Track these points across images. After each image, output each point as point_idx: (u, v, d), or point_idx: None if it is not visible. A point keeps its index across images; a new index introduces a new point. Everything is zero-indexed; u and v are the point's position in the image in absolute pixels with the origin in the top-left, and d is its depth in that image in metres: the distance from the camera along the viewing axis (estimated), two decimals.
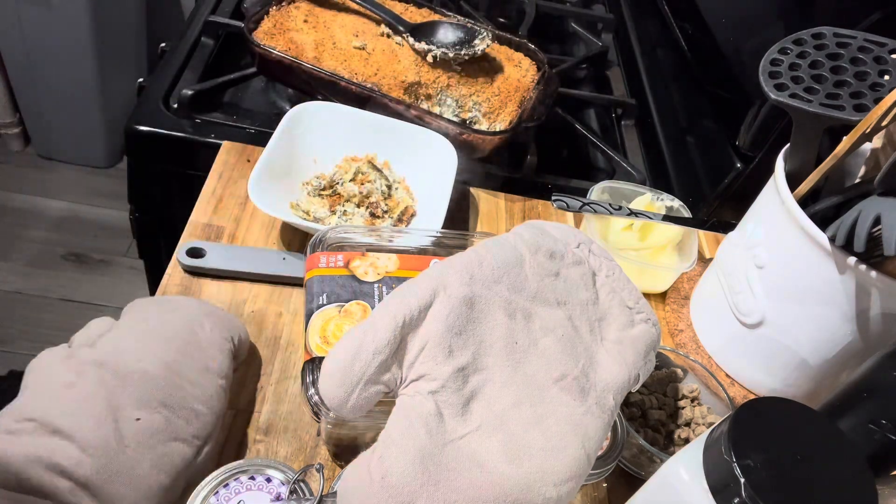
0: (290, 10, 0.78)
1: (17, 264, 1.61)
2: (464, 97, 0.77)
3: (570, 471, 0.38)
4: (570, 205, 0.66)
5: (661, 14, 0.99)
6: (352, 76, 0.72)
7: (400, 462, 0.35)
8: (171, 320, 0.49)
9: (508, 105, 0.78)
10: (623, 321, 0.45)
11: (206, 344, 0.48)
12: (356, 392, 0.38)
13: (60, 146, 1.82)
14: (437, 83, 0.76)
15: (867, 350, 0.54)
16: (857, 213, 0.48)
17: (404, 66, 0.75)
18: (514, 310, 0.41)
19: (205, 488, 0.43)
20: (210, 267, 0.60)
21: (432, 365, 0.38)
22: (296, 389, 0.55)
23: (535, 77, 0.83)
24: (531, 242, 0.44)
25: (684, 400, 0.58)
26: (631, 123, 0.95)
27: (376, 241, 0.54)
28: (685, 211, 0.72)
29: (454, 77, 0.76)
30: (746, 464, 0.32)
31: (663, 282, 0.71)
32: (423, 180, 0.70)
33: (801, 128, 0.54)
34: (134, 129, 0.73)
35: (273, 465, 0.45)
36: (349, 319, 0.48)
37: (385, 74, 0.73)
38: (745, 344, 0.61)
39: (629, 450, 0.53)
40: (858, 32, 0.54)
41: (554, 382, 0.40)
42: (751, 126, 0.71)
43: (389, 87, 0.73)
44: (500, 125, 0.77)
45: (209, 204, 0.67)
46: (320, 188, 0.68)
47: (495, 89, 0.78)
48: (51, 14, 1.54)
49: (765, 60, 0.54)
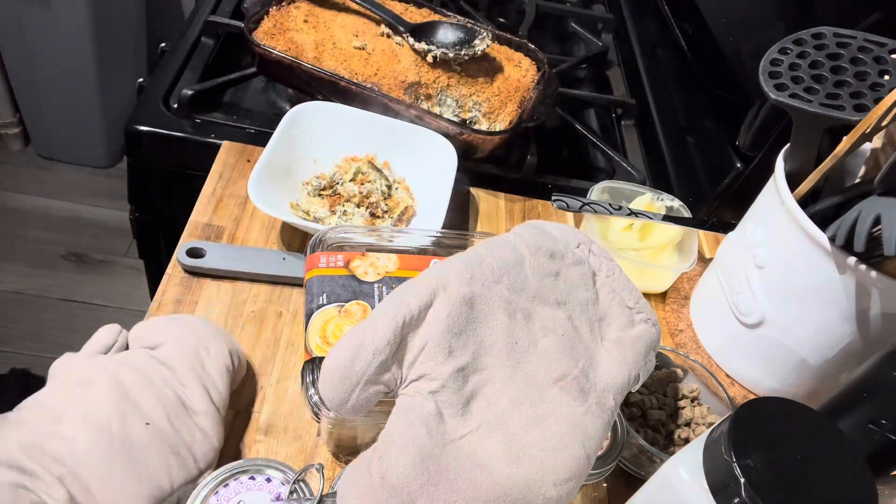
0: (290, 10, 0.78)
1: (17, 264, 1.61)
2: (464, 97, 0.77)
3: (570, 471, 0.38)
4: (570, 205, 0.66)
5: (661, 14, 0.99)
6: (352, 76, 0.72)
7: (400, 462, 0.35)
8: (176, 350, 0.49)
9: (508, 105, 0.78)
10: (623, 321, 0.45)
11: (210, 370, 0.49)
12: (356, 392, 0.38)
13: (60, 146, 1.82)
14: (437, 83, 0.76)
15: (867, 350, 0.54)
16: (857, 213, 0.48)
17: (404, 66, 0.75)
18: (514, 310, 0.41)
19: (205, 488, 0.43)
20: (210, 267, 0.60)
21: (432, 365, 0.38)
22: (296, 389, 0.55)
23: (535, 77, 0.83)
24: (531, 242, 0.44)
25: (684, 400, 0.58)
26: (631, 123, 0.95)
27: (376, 241, 0.54)
28: (685, 211, 0.72)
29: (454, 77, 0.76)
30: (746, 464, 0.32)
31: (663, 282, 0.71)
32: (423, 180, 0.70)
33: (801, 128, 0.54)
34: (134, 129, 0.73)
35: (273, 465, 0.45)
36: (349, 319, 0.48)
37: (385, 74, 0.73)
38: (745, 344, 0.61)
39: (629, 450, 0.53)
40: (858, 32, 0.54)
41: (554, 382, 0.40)
42: (751, 126, 0.71)
43: (389, 87, 0.73)
44: (501, 125, 0.77)
45: (209, 204, 0.67)
46: (320, 188, 0.68)
47: (495, 89, 0.78)
48: (51, 14, 1.54)
49: (765, 60, 0.54)
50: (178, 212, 0.73)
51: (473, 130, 0.72)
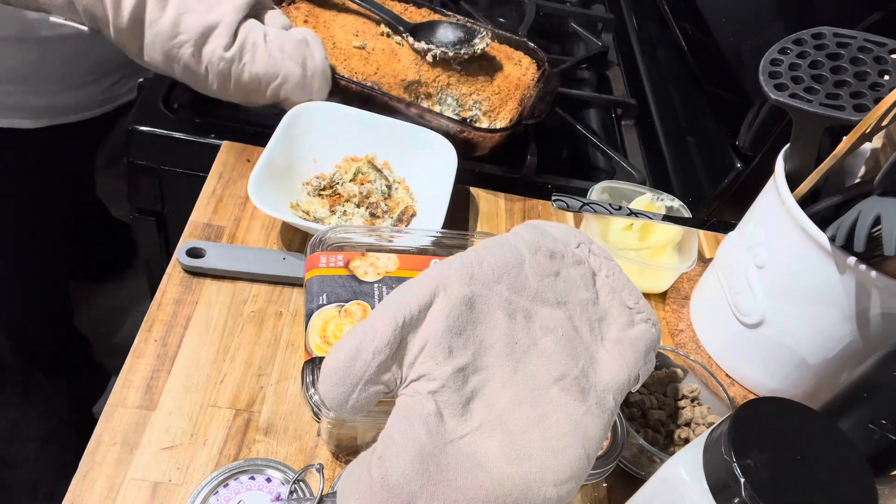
0: (290, 10, 0.78)
1: None
2: (464, 96, 0.77)
3: (570, 471, 0.38)
4: (570, 205, 0.66)
5: (661, 14, 0.99)
6: (352, 75, 0.72)
7: (400, 462, 0.35)
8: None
9: (509, 103, 0.78)
10: (623, 321, 0.45)
11: None
12: (356, 392, 0.38)
13: None
14: (437, 82, 0.76)
15: (867, 350, 0.54)
16: (857, 213, 0.48)
17: (404, 65, 0.75)
18: (514, 310, 0.41)
19: (205, 488, 0.43)
20: (210, 267, 0.60)
21: (432, 365, 0.38)
22: (296, 389, 0.55)
23: (536, 75, 0.83)
24: (531, 242, 0.44)
25: (684, 400, 0.58)
26: (631, 123, 0.95)
27: (376, 241, 0.54)
28: (685, 211, 0.72)
29: (454, 76, 0.77)
30: (746, 464, 0.32)
31: (663, 282, 0.71)
32: (423, 180, 0.70)
33: (801, 128, 0.54)
34: (134, 129, 0.73)
35: (273, 465, 0.45)
36: (349, 319, 0.48)
37: (385, 73, 0.73)
38: (745, 344, 0.61)
39: (629, 450, 0.53)
40: (858, 32, 0.54)
41: (554, 382, 0.40)
42: (751, 126, 0.71)
43: (390, 86, 0.73)
44: (501, 123, 0.77)
45: (209, 204, 0.67)
46: (320, 188, 0.68)
47: (495, 88, 0.78)
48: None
49: (765, 60, 0.54)
50: (178, 212, 0.73)
51: (474, 128, 0.72)
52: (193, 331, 0.57)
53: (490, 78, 0.79)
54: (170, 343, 0.56)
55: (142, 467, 0.48)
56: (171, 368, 0.54)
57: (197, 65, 0.64)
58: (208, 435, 0.51)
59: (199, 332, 0.57)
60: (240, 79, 0.65)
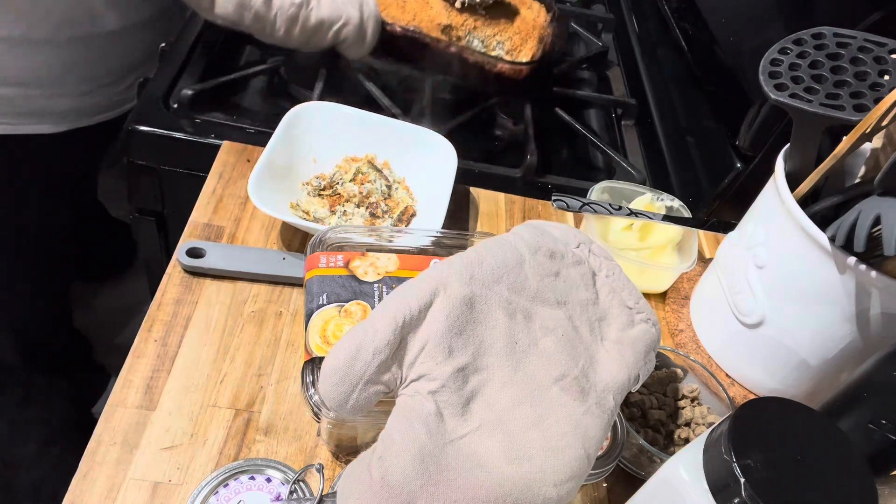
0: None
1: None
2: (488, 37, 0.85)
3: (570, 471, 0.38)
4: (570, 205, 0.66)
5: (661, 14, 0.99)
6: (394, 22, 0.79)
7: (400, 462, 0.35)
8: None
9: (528, 42, 0.86)
10: (623, 321, 0.45)
11: None
12: (356, 392, 0.38)
13: None
14: (465, 26, 0.84)
15: (867, 350, 0.54)
16: (857, 213, 0.48)
17: (436, 11, 0.83)
18: (514, 310, 0.41)
19: (205, 488, 0.43)
20: (210, 267, 0.60)
21: (432, 365, 0.38)
22: (296, 389, 0.55)
23: (547, 17, 0.91)
24: (531, 242, 0.44)
25: (684, 400, 0.58)
26: (631, 123, 0.95)
27: (376, 241, 0.54)
28: (685, 211, 0.72)
29: (479, 20, 0.85)
30: (746, 464, 0.32)
31: (663, 282, 0.71)
32: (423, 180, 0.70)
33: (801, 128, 0.54)
34: (134, 129, 0.73)
35: (273, 465, 0.45)
36: (349, 319, 0.48)
37: (422, 19, 0.81)
38: (745, 344, 0.61)
39: (629, 450, 0.53)
40: (858, 32, 0.54)
41: (554, 382, 0.40)
42: (751, 126, 0.71)
43: (429, 30, 0.81)
44: (523, 59, 0.85)
45: (209, 204, 0.67)
46: (320, 188, 0.68)
47: (516, 28, 0.87)
48: None
49: (765, 60, 0.54)
50: (178, 212, 0.73)
51: (508, 62, 0.82)
52: (193, 331, 0.57)
53: (510, 20, 0.87)
54: (170, 343, 0.56)
55: (142, 467, 0.48)
56: (171, 368, 0.54)
57: (267, 11, 0.70)
58: (208, 435, 0.51)
59: (199, 332, 0.57)
60: (307, 23, 0.72)
